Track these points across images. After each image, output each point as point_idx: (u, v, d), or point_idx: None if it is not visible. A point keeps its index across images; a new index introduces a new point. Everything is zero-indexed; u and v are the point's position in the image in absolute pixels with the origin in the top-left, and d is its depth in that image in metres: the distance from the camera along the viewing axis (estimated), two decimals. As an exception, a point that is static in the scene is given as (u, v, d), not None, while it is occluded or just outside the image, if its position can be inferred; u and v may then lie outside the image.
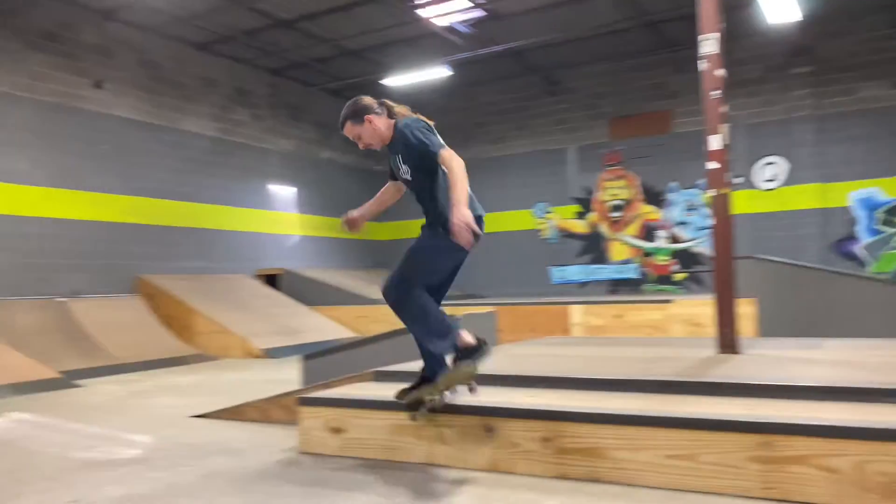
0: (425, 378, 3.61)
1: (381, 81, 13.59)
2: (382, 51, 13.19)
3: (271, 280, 13.47)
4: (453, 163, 3.42)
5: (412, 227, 15.07)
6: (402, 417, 3.69)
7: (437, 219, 3.56)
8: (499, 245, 15.54)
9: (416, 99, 15.75)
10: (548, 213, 15.25)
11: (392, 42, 12.82)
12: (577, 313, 9.60)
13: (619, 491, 3.04)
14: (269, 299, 12.31)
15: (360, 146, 3.80)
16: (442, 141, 3.56)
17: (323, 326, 11.66)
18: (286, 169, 14.59)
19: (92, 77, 10.93)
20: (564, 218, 15.10)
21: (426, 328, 3.51)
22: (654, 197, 14.19)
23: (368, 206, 4.03)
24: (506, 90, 15.63)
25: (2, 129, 9.71)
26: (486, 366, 3.58)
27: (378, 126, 3.72)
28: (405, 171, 3.65)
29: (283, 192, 14.55)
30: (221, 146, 13.13)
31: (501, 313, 8.91)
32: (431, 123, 3.66)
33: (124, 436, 4.75)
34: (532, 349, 5.89)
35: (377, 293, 13.21)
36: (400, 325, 3.73)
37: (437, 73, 13.01)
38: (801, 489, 2.83)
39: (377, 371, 4.60)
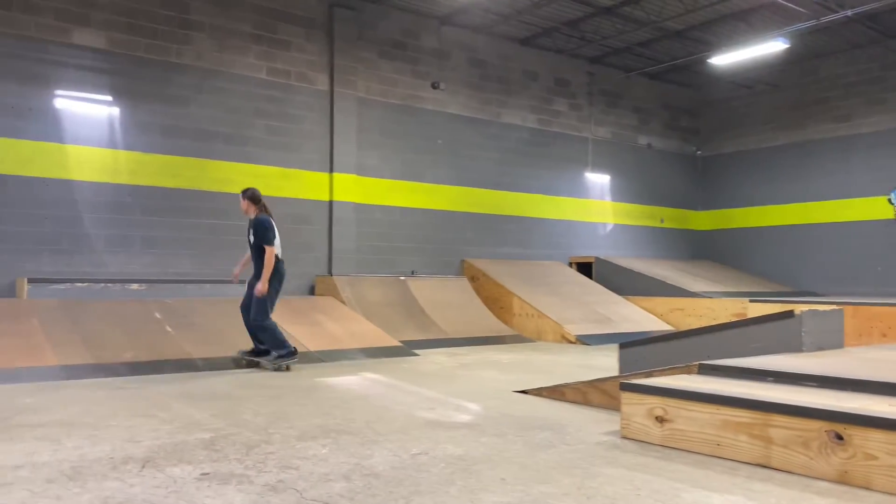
0: (263, 352, 7.02)
1: (708, 60, 12.83)
2: (709, 28, 12.45)
3: (584, 268, 13.63)
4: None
5: (734, 216, 14.09)
6: (733, 413, 3.47)
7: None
8: (841, 237, 13.77)
9: (744, 77, 14.65)
10: (906, 200, 13.06)
11: (720, 18, 12.03)
12: (945, 318, 8.09)
13: None
14: (583, 286, 12.48)
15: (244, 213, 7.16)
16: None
17: (636, 316, 11.48)
18: (601, 157, 14.60)
19: (430, 79, 12.10)
20: (928, 206, 12.79)
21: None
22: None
23: (243, 262, 7.35)
24: (854, 60, 13.71)
25: (360, 131, 11.24)
26: (831, 367, 3.18)
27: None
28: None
29: (598, 180, 14.60)
30: (539, 137, 13.61)
31: (845, 314, 7.86)
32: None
33: (456, 402, 5.21)
34: (887, 354, 5.11)
35: (696, 285, 12.66)
36: (723, 320, 3.52)
37: (770, 47, 11.88)
38: None
39: (703, 364, 4.38)
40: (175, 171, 9.60)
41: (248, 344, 7.13)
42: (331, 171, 10.91)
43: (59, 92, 8.91)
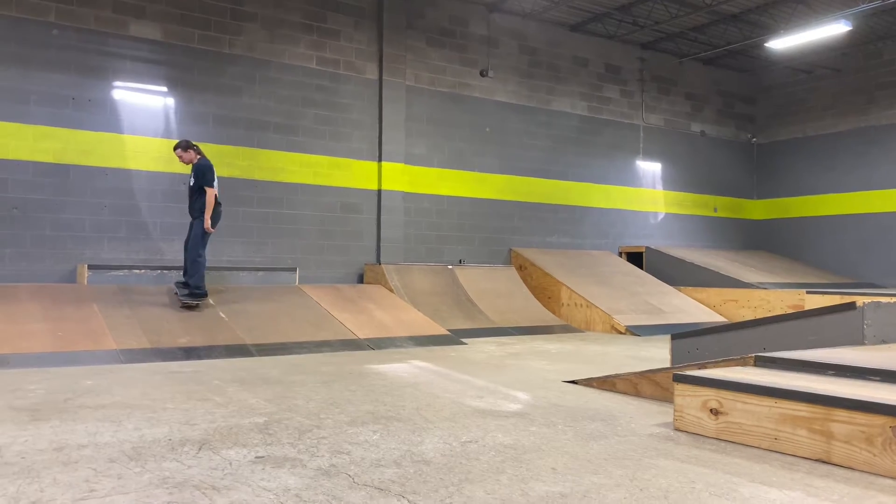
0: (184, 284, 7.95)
1: (766, 45, 12.46)
2: (766, 11, 12.08)
3: (635, 257, 13.42)
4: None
5: (791, 205, 13.67)
6: (792, 407, 3.37)
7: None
8: (901, 227, 13.26)
9: (802, 61, 14.17)
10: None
11: (779, 0, 11.64)
12: None
13: None
14: (633, 276, 12.29)
15: (181, 161, 8.02)
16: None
17: (687, 307, 11.27)
18: (653, 144, 14.33)
19: (478, 66, 12.04)
20: None
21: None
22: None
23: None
24: (921, 42, 13.13)
25: (408, 119, 11.27)
26: (889, 360, 3.06)
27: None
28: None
29: (649, 168, 14.34)
30: (589, 124, 13.42)
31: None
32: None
33: (505, 391, 5.19)
34: (957, 349, 4.89)
35: (750, 276, 12.38)
36: (779, 312, 3.44)
37: (831, 30, 11.46)
38: None
39: (759, 356, 4.27)
40: (228, 160, 9.78)
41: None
42: (379, 160, 10.97)
43: (116, 83, 9.15)
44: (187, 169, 8.23)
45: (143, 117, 9.30)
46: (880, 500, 2.74)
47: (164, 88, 9.47)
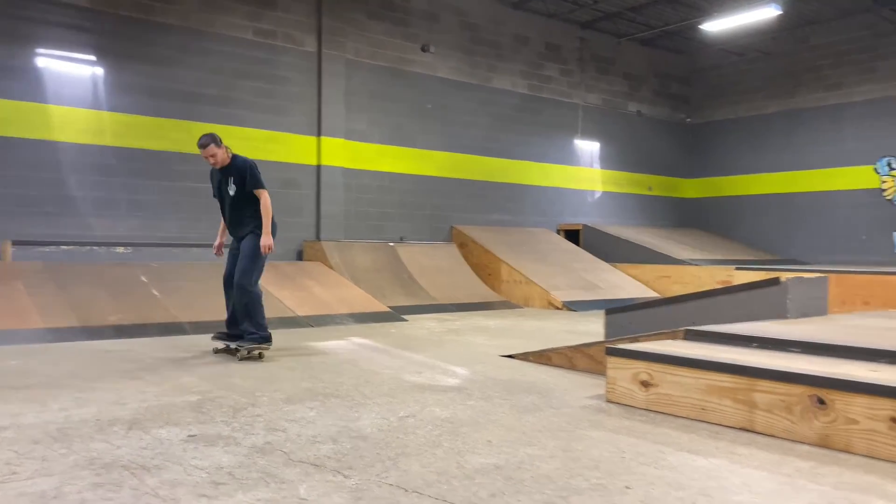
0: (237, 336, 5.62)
1: (700, 27, 12.72)
2: (701, -7, 12.34)
3: (572, 235, 13.65)
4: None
5: (723, 184, 14.12)
6: (718, 378, 3.51)
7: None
8: (829, 205, 13.86)
9: (735, 44, 14.54)
10: (894, 169, 13.11)
11: (712, -17, 11.91)
12: (928, 287, 8.18)
13: None
14: (570, 254, 12.51)
15: (213, 163, 5.69)
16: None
17: (623, 283, 11.54)
18: (591, 123, 14.52)
19: (420, 41, 11.93)
20: (915, 176, 12.86)
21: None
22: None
23: (223, 229, 5.97)
24: (847, 28, 13.63)
25: (349, 94, 11.10)
26: (814, 334, 3.21)
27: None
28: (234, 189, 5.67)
29: (587, 147, 14.54)
30: (530, 103, 13.50)
31: (829, 281, 7.93)
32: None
33: (444, 366, 5.23)
34: (870, 321, 5.17)
35: (683, 253, 12.73)
36: (709, 287, 3.55)
37: (762, 13, 11.78)
38: None
39: (689, 330, 4.42)
40: (161, 133, 9.46)
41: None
42: (319, 134, 10.79)
43: (41, 50, 8.72)
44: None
45: (70, 87, 8.89)
46: (797, 466, 2.88)
47: (93, 57, 9.06)
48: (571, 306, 10.08)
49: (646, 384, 3.84)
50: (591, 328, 7.68)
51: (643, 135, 15.47)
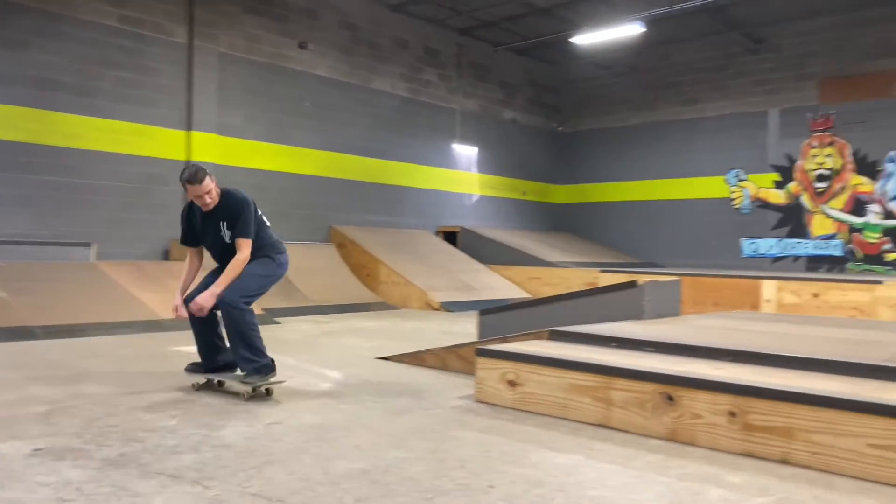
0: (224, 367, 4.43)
1: (570, 40, 13.28)
2: (573, 8, 12.87)
3: (450, 237, 13.86)
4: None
5: (590, 191, 14.77)
6: (579, 377, 3.68)
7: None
8: (685, 213, 14.84)
9: (605, 58, 15.29)
10: (742, 180, 14.25)
11: (582, -1, 12.46)
12: (769, 289, 8.96)
13: (812, 476, 2.83)
14: (448, 255, 12.70)
15: (203, 202, 4.29)
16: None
17: (497, 284, 11.86)
18: (469, 129, 14.81)
19: (298, 38, 11.71)
20: (760, 187, 14.03)
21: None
22: (868, 167, 12.76)
23: (185, 284, 4.45)
24: (702, 48, 14.68)
25: (222, 88, 10.71)
26: (667, 334, 3.44)
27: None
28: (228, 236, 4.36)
29: (466, 152, 14.81)
30: (409, 105, 13.58)
31: (683, 283, 8.51)
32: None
33: (317, 370, 5.17)
34: (717, 321, 5.59)
35: (553, 256, 13.20)
36: (576, 289, 3.74)
37: (628, 30, 12.47)
38: None
39: (553, 330, 4.60)
40: (13, 122, 8.73)
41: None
42: (188, 128, 10.35)
43: None
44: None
45: None
46: (648, 459, 3.07)
47: (-71, 35, 8.23)
48: (449, 307, 10.23)
49: (513, 384, 3.96)
50: (467, 329, 7.82)
51: (518, 141, 15.95)
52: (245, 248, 4.27)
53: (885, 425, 2.78)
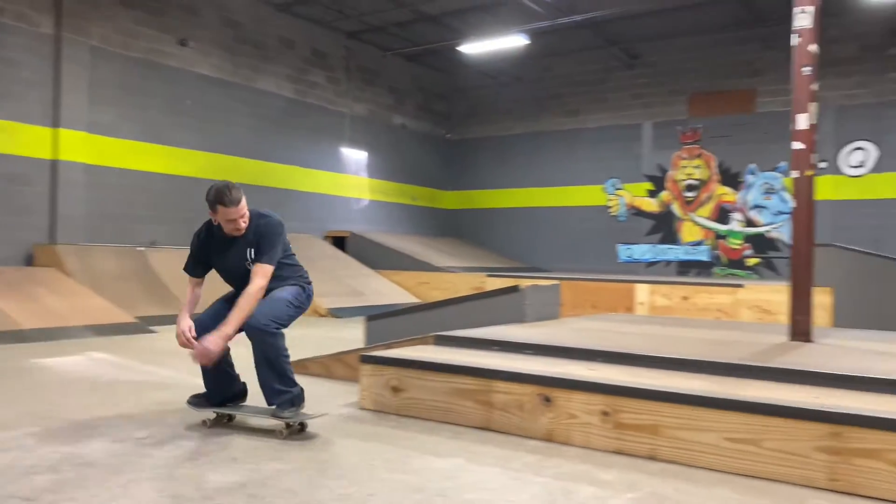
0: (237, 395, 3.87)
1: (457, 48, 13.48)
2: (460, 17, 13.07)
3: (339, 242, 13.71)
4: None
5: (477, 197, 14.99)
6: (461, 381, 3.72)
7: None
8: (566, 220, 15.38)
9: (491, 68, 15.63)
10: (619, 189, 14.95)
11: (471, 8, 12.68)
12: (642, 292, 9.44)
13: (677, 470, 3.00)
14: (337, 261, 12.55)
15: (235, 227, 3.68)
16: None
17: (386, 290, 11.84)
18: (358, 133, 14.71)
19: (177, 34, 11.23)
20: (635, 195, 14.78)
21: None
22: (731, 178, 13.72)
23: (189, 313, 3.76)
24: (583, 62, 15.29)
25: (93, 84, 10.09)
26: (546, 336, 3.56)
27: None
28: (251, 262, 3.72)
29: (354, 156, 14.70)
30: (296, 107, 13.33)
31: (563, 287, 8.82)
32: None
33: (193, 380, 4.95)
34: (593, 324, 5.83)
35: (442, 261, 13.30)
36: (464, 293, 3.80)
37: (513, 41, 12.81)
38: (870, 484, 2.73)
39: (438, 335, 4.64)
40: None
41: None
42: (55, 125, 9.68)
43: None
44: None
45: None
46: (526, 460, 3.15)
47: None
48: (337, 313, 10.11)
49: (396, 389, 3.97)
50: (355, 335, 7.75)
51: (408, 147, 16.01)
52: (263, 277, 3.62)
53: (740, 420, 2.99)
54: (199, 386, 3.84)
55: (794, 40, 4.68)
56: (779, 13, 5.29)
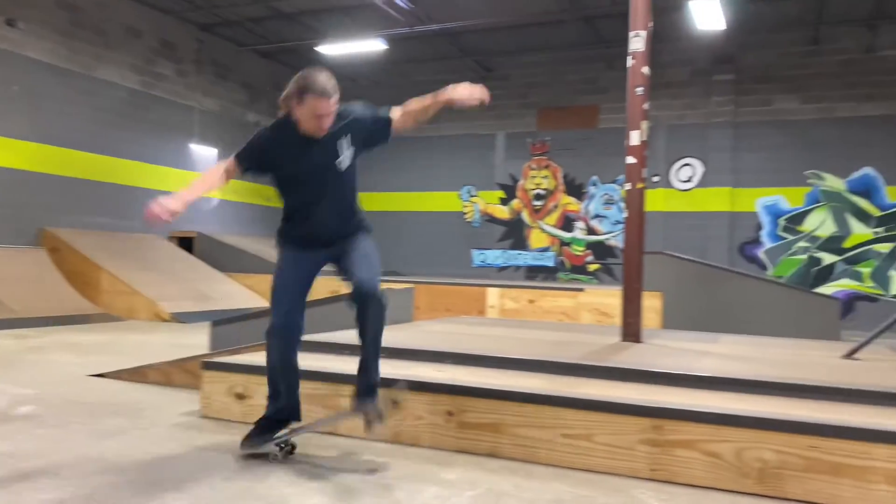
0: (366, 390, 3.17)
1: (315, 48, 13.30)
2: (318, 17, 12.91)
3: (186, 243, 13.07)
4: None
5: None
6: (309, 386, 3.67)
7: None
8: (423, 225, 15.61)
9: (350, 71, 15.55)
10: (473, 196, 15.38)
11: (329, 9, 12.56)
12: (493, 296, 9.75)
13: (516, 466, 3.13)
14: (182, 262, 11.95)
15: (320, 125, 3.10)
16: None
17: (237, 294, 11.43)
18: (209, 129, 14.11)
19: (5, 14, 10.25)
20: (488, 203, 15.26)
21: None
22: (576, 189, 14.52)
23: (196, 196, 3.20)
24: (440, 70, 15.57)
25: None
26: (398, 339, 3.60)
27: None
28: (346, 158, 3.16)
29: (205, 153, 14.08)
30: (141, 99, 12.57)
31: (419, 291, 8.95)
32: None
33: (14, 391, 4.54)
34: (445, 327, 5.96)
35: (295, 263, 13.02)
36: (321, 295, 3.77)
37: (372, 45, 12.85)
38: (685, 472, 2.99)
39: (288, 339, 4.54)
40: None
41: None
42: None
43: None
44: None
45: None
46: (373, 463, 3.16)
47: None
48: (181, 318, 9.62)
49: (241, 396, 3.85)
50: (200, 341, 7.42)
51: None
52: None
53: (574, 416, 3.18)
54: (16, 398, 3.52)
55: (630, 62, 5.05)
56: (620, 36, 5.70)
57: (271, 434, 3.15)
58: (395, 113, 3.35)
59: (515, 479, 2.98)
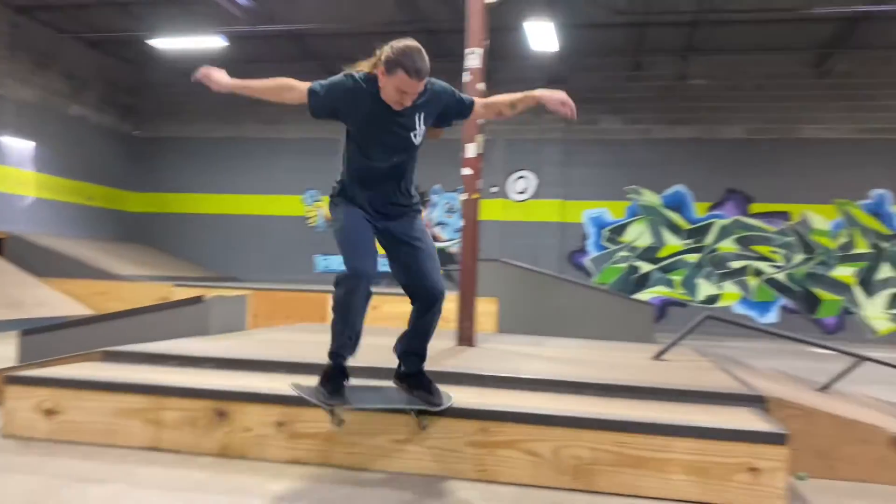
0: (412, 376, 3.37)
1: (147, 41, 12.56)
2: (149, 8, 12.21)
3: (-6, 244, 11.84)
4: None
5: (170, 201, 14.14)
6: (129, 400, 3.46)
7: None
8: (265, 229, 15.18)
9: (186, 65, 14.76)
10: (317, 201, 15.17)
11: (161, 1, 11.91)
12: (334, 303, 9.67)
13: (346, 476, 3.14)
14: (-11, 266, 10.81)
15: (401, 100, 3.07)
16: None
17: (53, 300, 10.51)
18: (23, 120, 12.86)
19: None
20: (332, 208, 15.14)
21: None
22: (420, 197, 14.75)
23: (250, 88, 3.42)
24: (283, 73, 14.82)
25: None
26: (229, 349, 3.48)
27: None
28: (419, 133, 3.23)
29: (18, 146, 12.82)
30: (-60, 84, 11.25)
31: (257, 298, 8.69)
32: None
33: None
34: (282, 335, 5.84)
35: (122, 268, 12.27)
36: (148, 304, 3.60)
37: (210, 41, 12.33)
38: (508, 471, 3.13)
39: (107, 351, 4.26)
40: None
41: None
42: None
43: None
44: None
45: None
46: (196, 478, 3.04)
47: None
48: (-16, 328, 8.68)
49: (51, 412, 3.55)
50: (7, 352, 6.75)
51: (87, 141, 14.41)
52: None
53: (405, 422, 3.23)
54: None
55: (466, 77, 5.24)
56: (461, 51, 5.90)
57: (340, 387, 3.15)
58: (479, 102, 3.44)
59: (346, 488, 2.98)
